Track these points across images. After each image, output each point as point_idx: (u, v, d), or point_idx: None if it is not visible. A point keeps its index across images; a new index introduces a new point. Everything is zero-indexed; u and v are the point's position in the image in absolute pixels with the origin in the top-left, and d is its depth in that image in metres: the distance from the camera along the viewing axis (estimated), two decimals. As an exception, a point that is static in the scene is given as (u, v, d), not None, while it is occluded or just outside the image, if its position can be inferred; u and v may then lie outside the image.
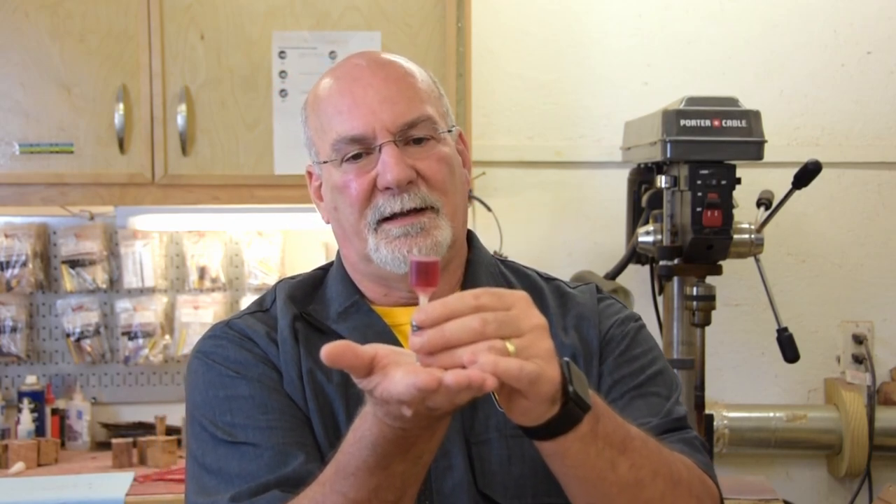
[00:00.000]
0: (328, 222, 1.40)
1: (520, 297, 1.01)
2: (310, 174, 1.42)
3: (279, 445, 1.23)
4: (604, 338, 1.36)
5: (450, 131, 1.36)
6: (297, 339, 1.32)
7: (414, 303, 1.03)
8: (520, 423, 1.04)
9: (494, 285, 1.37)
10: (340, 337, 1.31)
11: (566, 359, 1.05)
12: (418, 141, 1.31)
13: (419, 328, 0.97)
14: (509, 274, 1.43)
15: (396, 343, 1.31)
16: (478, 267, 1.40)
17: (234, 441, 1.25)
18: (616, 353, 1.35)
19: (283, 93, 2.61)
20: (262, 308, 1.39)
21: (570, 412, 1.03)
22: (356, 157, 1.31)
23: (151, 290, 2.93)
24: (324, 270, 1.44)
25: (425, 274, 1.01)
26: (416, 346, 0.96)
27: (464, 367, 0.95)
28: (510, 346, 0.97)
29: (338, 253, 1.42)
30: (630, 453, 1.10)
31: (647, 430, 1.19)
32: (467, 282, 1.38)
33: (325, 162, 1.35)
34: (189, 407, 1.33)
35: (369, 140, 1.30)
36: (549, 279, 1.45)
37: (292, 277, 1.43)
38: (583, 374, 1.06)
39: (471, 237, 1.44)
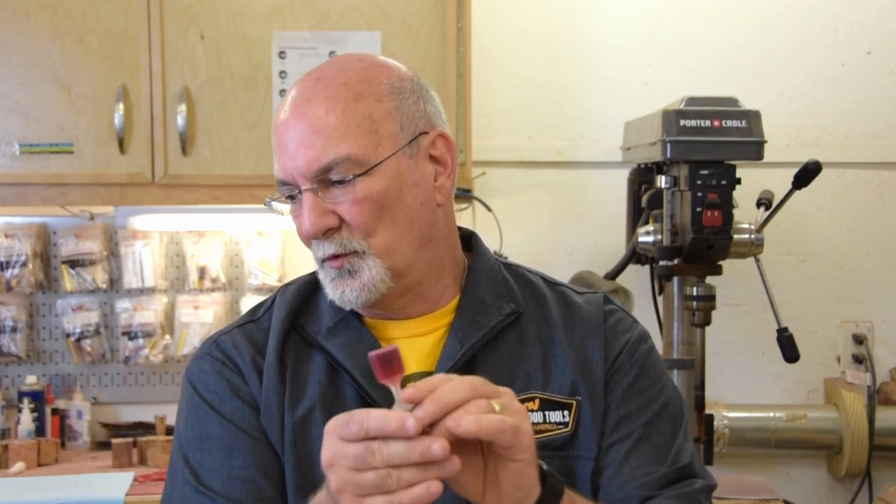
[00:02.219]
0: None
1: (476, 380, 1.05)
2: None
3: (237, 500, 1.25)
4: (612, 365, 1.33)
5: (391, 156, 1.25)
6: (283, 363, 1.31)
7: (403, 314, 1.03)
8: None
9: (495, 293, 1.35)
10: (329, 353, 1.30)
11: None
12: (341, 181, 1.25)
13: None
14: (511, 279, 1.38)
15: None
16: (478, 274, 1.36)
17: (197, 486, 1.26)
18: (624, 385, 1.32)
19: (283, 93, 2.61)
20: (254, 318, 1.38)
21: (552, 486, 1.10)
22: (292, 197, 1.29)
23: (151, 290, 2.93)
24: None
25: (388, 364, 1.01)
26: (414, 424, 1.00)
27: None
28: (496, 406, 1.03)
29: None
30: None
31: (653, 481, 1.25)
32: (467, 289, 1.35)
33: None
34: (176, 426, 1.35)
35: (293, 186, 1.27)
36: (554, 285, 1.41)
37: (290, 283, 1.40)
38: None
39: (473, 241, 1.41)
